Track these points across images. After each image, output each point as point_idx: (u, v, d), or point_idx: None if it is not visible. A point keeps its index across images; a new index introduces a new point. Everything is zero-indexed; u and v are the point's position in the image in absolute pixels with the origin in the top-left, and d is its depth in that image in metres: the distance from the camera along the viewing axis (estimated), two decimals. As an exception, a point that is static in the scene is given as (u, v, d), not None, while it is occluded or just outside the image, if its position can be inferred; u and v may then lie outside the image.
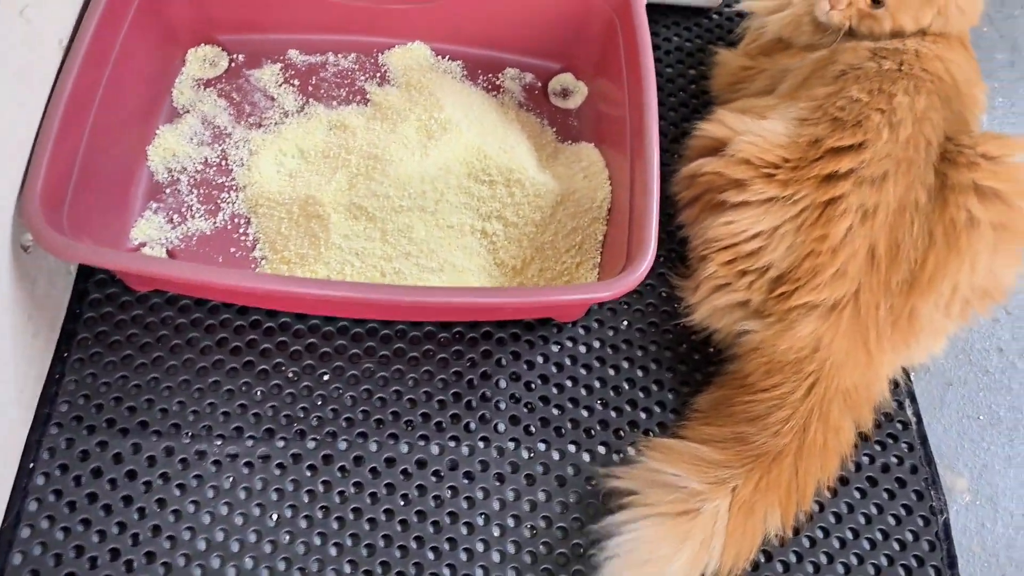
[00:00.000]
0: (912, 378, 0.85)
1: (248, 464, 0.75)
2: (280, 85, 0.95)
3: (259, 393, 0.78)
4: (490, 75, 0.99)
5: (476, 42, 0.99)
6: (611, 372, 0.83)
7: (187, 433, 0.75)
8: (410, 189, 0.83)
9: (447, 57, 0.99)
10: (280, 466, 0.75)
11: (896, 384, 0.81)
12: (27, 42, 0.70)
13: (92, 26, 0.79)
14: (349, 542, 0.72)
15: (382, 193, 0.83)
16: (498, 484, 0.75)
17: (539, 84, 1.00)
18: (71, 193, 0.74)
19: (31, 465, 0.72)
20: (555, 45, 0.98)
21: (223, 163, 0.89)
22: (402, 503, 0.74)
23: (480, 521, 0.74)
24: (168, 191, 0.87)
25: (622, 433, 0.79)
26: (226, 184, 0.88)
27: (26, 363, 0.72)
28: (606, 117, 0.92)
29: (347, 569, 0.71)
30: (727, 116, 0.85)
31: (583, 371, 0.82)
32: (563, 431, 0.79)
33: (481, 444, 0.77)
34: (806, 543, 0.76)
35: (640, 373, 0.83)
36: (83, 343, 0.79)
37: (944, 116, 0.79)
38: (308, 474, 0.75)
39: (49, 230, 0.67)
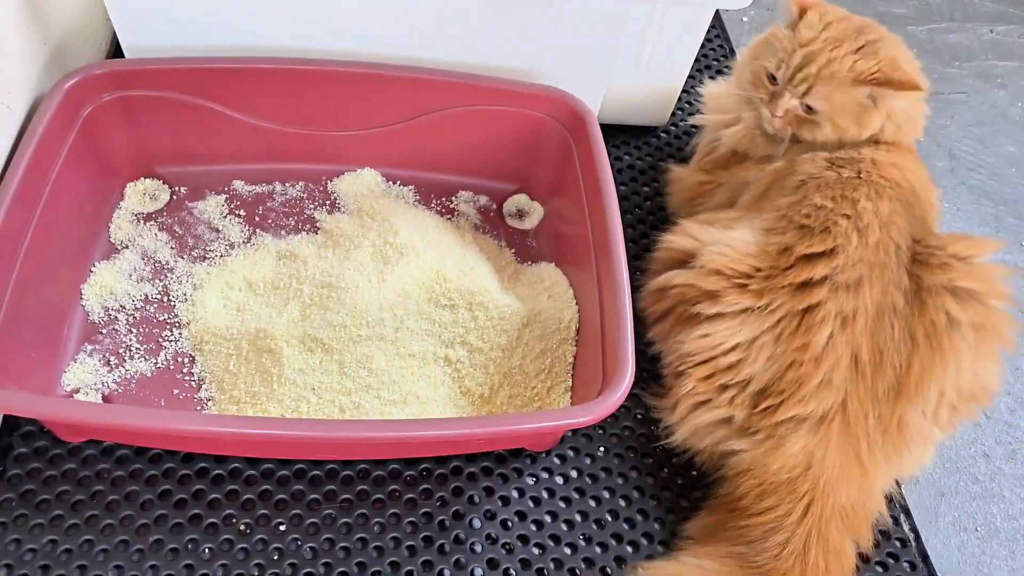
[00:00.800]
0: (904, 491, 0.82)
1: (196, 634, 0.66)
2: (225, 216, 0.91)
3: (207, 551, 0.70)
4: (443, 198, 0.97)
5: (428, 166, 0.97)
6: (592, 504, 0.77)
7: (125, 602, 0.67)
8: (368, 317, 0.78)
9: (398, 183, 0.97)
10: (233, 634, 0.66)
11: (890, 499, 0.77)
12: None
13: (21, 167, 0.75)
14: None
15: (338, 323, 0.78)
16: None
17: (494, 206, 0.98)
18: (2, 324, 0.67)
19: (-60, 654, 0.63)
20: (509, 167, 0.97)
21: (165, 299, 0.84)
22: (373, 668, 0.66)
23: None
24: (104, 331, 0.80)
25: (609, 572, 0.73)
26: (168, 321, 0.82)
27: (-62, 533, 0.63)
28: (566, 236, 0.90)
29: None
30: (692, 227, 0.83)
31: (562, 504, 0.77)
32: (546, 573, 0.72)
33: (463, 593, 0.70)
34: None
35: (623, 503, 0.78)
36: (5, 505, 0.70)
37: (908, 220, 0.78)
38: (266, 643, 0.66)
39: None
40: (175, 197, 0.92)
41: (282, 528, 0.72)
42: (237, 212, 0.92)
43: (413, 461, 0.77)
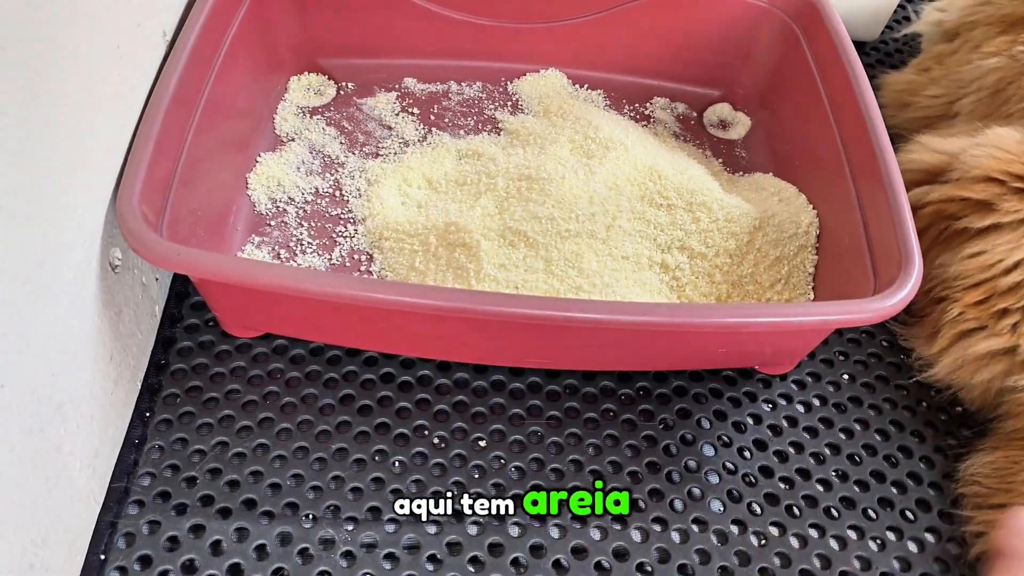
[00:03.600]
0: None
1: (391, 557, 0.56)
2: (397, 114, 0.82)
3: (397, 464, 0.60)
4: (637, 104, 0.86)
5: (619, 68, 0.86)
6: (842, 437, 0.64)
7: (307, 515, 0.57)
8: (577, 210, 0.68)
9: (586, 86, 0.86)
10: (433, 559, 0.56)
11: None
12: (129, 30, 0.57)
13: (200, 21, 0.66)
14: (538, 663, 0.52)
15: (544, 215, 0.67)
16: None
17: (694, 114, 0.86)
18: (171, 203, 0.59)
19: (102, 556, 0.54)
20: (712, 69, 0.85)
21: (336, 193, 0.75)
22: (601, 608, 0.55)
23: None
24: (273, 223, 0.71)
25: (873, 514, 0.60)
26: (342, 216, 0.73)
27: (103, 418, 0.54)
28: (791, 145, 0.78)
29: None
30: (931, 140, 0.71)
31: (807, 435, 0.64)
32: (798, 511, 0.60)
33: (695, 528, 0.59)
34: None
35: (879, 438, 0.65)
36: (170, 401, 0.61)
37: None
38: (472, 569, 0.56)
39: (148, 231, 0.52)
40: (342, 93, 0.83)
41: (482, 444, 0.62)
42: (410, 110, 0.83)
43: (627, 378, 0.66)
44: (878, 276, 0.59)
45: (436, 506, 0.58)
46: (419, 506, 0.57)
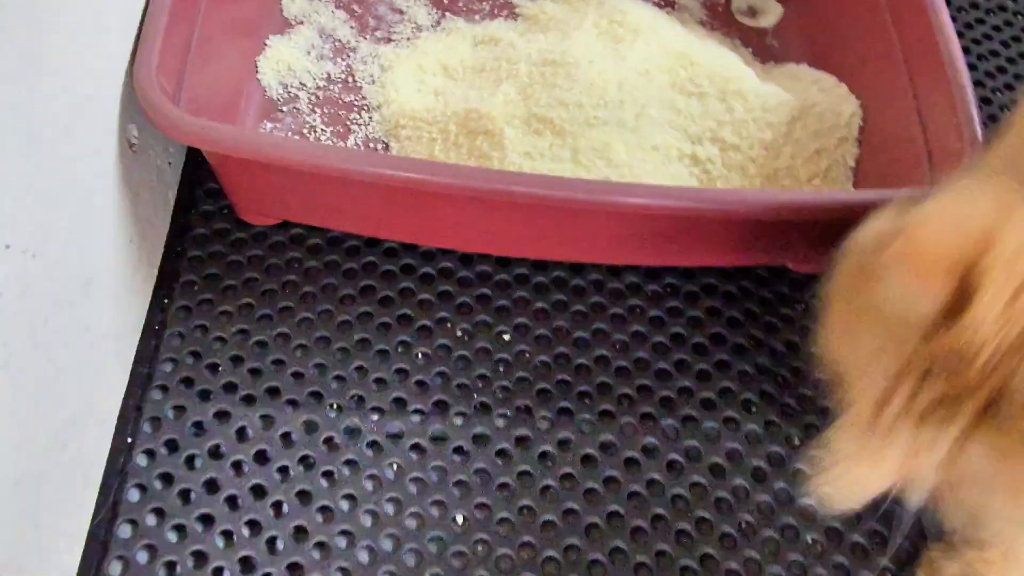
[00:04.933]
0: None
1: (417, 447, 0.57)
2: (409, -3, 0.80)
3: (420, 356, 0.61)
4: (660, -11, 0.84)
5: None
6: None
7: (332, 404, 0.58)
8: (606, 96, 0.67)
9: (608, -31, 0.84)
10: (460, 451, 0.57)
11: None
12: None
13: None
14: (565, 556, 0.54)
15: (571, 101, 0.66)
16: (757, 482, 0.58)
17: (721, 0, 0.84)
18: (186, 80, 0.58)
19: (129, 440, 0.54)
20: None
21: (349, 79, 0.73)
22: (630, 502, 0.56)
23: (746, 527, 0.56)
24: (285, 109, 0.70)
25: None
26: (355, 103, 0.72)
27: (126, 301, 0.54)
28: (832, 32, 0.76)
29: (568, 590, 0.53)
30: None
31: (837, 334, 0.65)
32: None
33: (727, 429, 0.60)
34: None
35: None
36: (188, 287, 0.61)
37: None
38: (499, 462, 0.57)
39: (168, 103, 0.51)
40: (351, -27, 0.81)
41: (506, 338, 0.62)
42: (422, -7, 0.80)
43: (654, 274, 0.66)
44: (934, 168, 0.59)
45: (461, 398, 0.59)
46: (443, 399, 0.58)
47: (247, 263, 0.63)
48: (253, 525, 0.53)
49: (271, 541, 0.52)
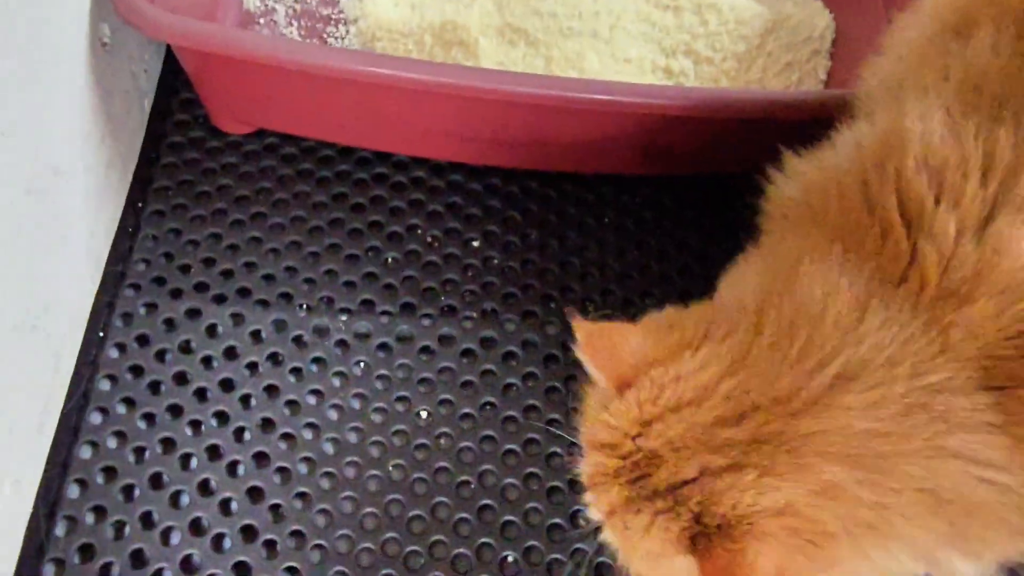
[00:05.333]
0: None
1: (384, 347, 0.59)
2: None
3: (391, 260, 0.62)
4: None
5: None
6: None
7: (301, 305, 0.59)
8: (580, 7, 0.67)
9: None
10: (426, 350, 0.59)
11: None
12: None
13: None
14: (525, 450, 0.56)
15: (546, 11, 0.67)
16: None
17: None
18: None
19: (101, 334, 0.56)
20: None
21: (328, -8, 0.74)
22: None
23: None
24: (262, 21, 0.71)
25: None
26: (332, 16, 0.73)
27: (97, 199, 0.56)
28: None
29: (531, 486, 0.55)
30: None
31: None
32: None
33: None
34: None
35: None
36: (161, 192, 0.63)
37: None
38: (464, 361, 0.59)
39: (143, 2, 0.52)
40: None
41: (475, 244, 0.64)
42: (405, -93, 0.80)
43: (625, 186, 0.67)
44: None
45: (429, 300, 0.60)
46: (410, 301, 0.60)
47: (221, 170, 0.65)
48: (221, 416, 0.55)
49: (239, 432, 0.54)
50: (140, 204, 0.62)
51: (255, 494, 0.53)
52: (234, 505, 0.52)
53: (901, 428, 0.34)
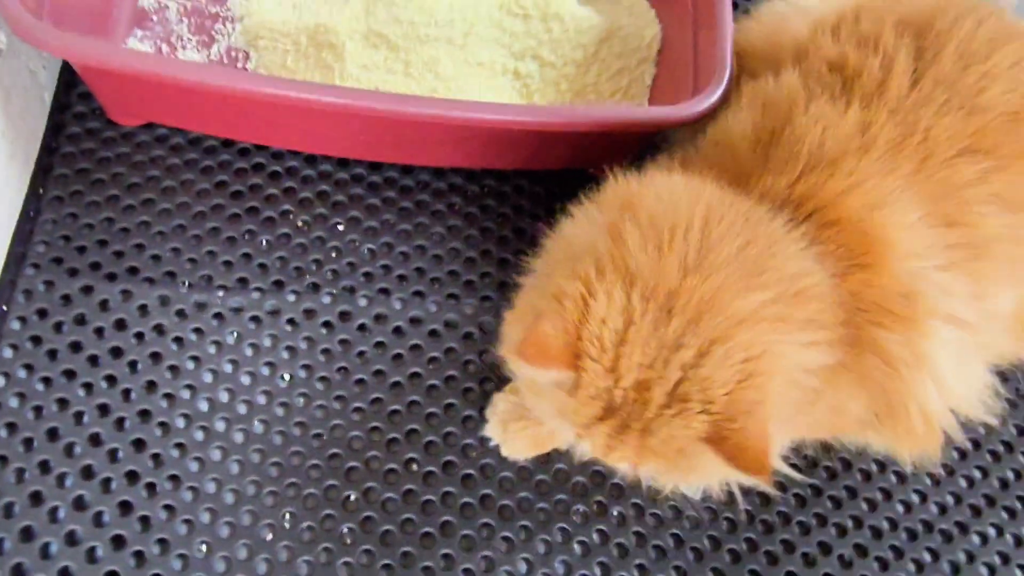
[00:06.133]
0: None
1: (255, 319, 0.69)
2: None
3: (265, 242, 0.73)
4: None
5: None
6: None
7: (184, 282, 0.70)
8: (436, 16, 0.77)
9: None
10: (291, 322, 0.70)
11: None
12: None
13: None
14: (371, 407, 0.67)
15: (405, 19, 0.76)
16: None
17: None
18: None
19: (4, 308, 0.66)
20: None
21: (217, -9, 0.82)
22: (429, 365, 0.69)
23: (519, 383, 0.69)
24: (155, 19, 0.80)
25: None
26: (221, 14, 0.81)
27: (1, 188, 0.65)
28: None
29: (373, 437, 0.66)
30: None
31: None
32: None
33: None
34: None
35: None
36: (61, 180, 0.72)
37: None
38: (324, 331, 0.70)
39: (27, 15, 0.61)
40: None
41: (340, 228, 0.74)
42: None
43: (475, 176, 0.78)
44: (697, 87, 0.71)
45: (296, 278, 0.71)
46: (280, 279, 0.71)
47: (115, 159, 0.74)
48: (110, 379, 0.65)
49: (125, 392, 0.65)
50: (41, 191, 0.71)
51: (139, 445, 0.64)
52: (120, 453, 0.63)
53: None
